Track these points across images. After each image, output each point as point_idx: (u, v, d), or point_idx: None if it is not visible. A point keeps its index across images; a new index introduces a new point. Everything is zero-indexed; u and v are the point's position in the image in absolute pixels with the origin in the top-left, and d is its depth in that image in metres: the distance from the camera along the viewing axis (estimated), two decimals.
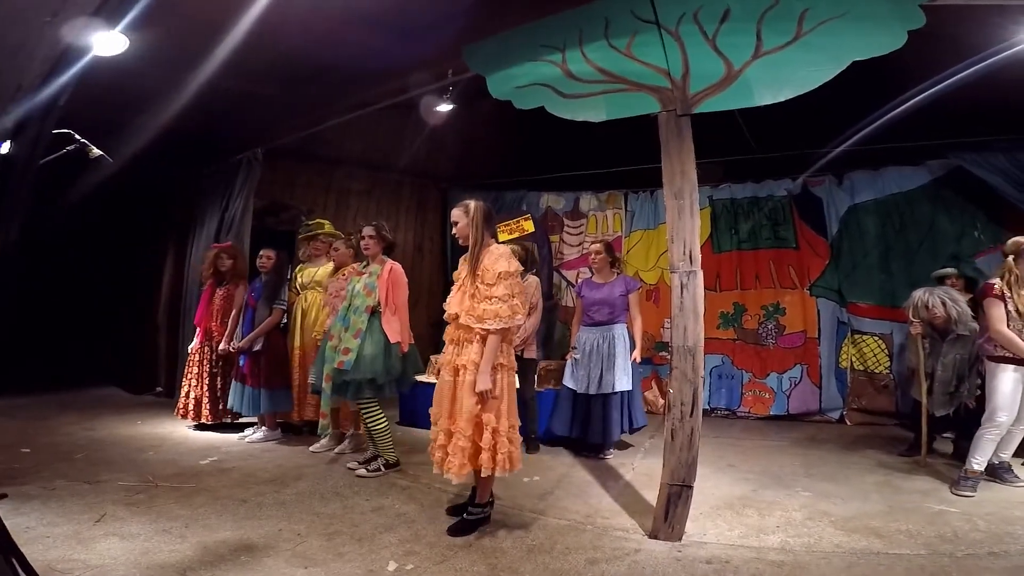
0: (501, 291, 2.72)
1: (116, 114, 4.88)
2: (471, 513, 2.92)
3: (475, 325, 2.74)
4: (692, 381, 2.88)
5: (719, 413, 6.14)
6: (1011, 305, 3.48)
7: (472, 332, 2.77)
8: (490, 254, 2.81)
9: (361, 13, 3.98)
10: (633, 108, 3.21)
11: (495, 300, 2.72)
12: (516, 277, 2.81)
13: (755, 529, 2.96)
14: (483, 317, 2.72)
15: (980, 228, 5.43)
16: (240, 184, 5.86)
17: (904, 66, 3.42)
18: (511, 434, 2.84)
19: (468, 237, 2.88)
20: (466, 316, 2.77)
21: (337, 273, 4.44)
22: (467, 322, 2.76)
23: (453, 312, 2.86)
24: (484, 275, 2.75)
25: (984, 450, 3.50)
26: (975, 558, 2.58)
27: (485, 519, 2.95)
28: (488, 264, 2.77)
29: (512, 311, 2.75)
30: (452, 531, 2.83)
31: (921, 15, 2.71)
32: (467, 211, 2.89)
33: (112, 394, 6.39)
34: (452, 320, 2.90)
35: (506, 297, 2.73)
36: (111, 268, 7.42)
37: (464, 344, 2.82)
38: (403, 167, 7.45)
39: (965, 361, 3.96)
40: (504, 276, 2.74)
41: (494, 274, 2.74)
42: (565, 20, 3.55)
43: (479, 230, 2.85)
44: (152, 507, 3.04)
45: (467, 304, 2.79)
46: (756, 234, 6.34)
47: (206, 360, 4.90)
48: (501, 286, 2.73)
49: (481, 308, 2.73)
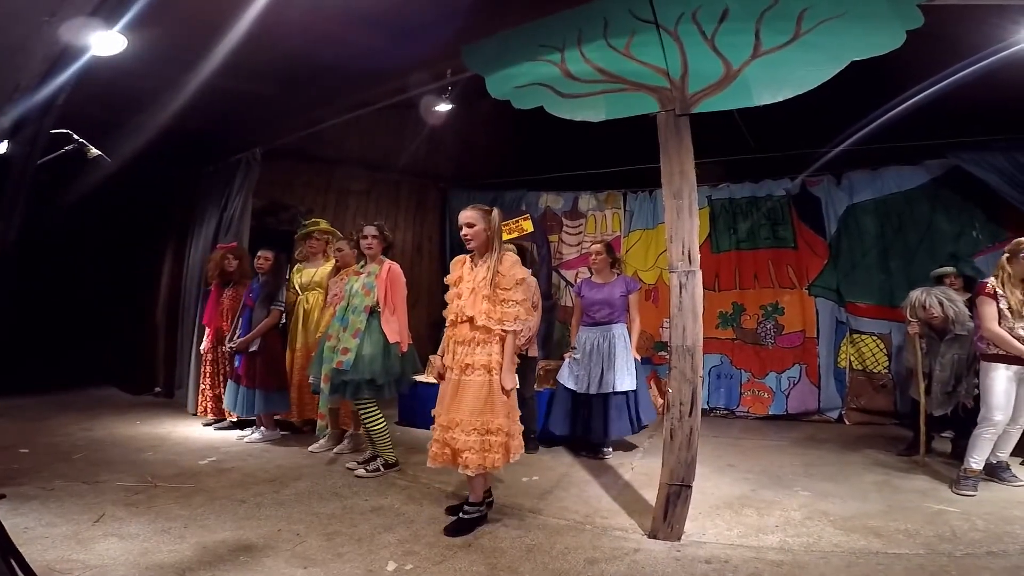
0: (519, 295, 2.91)
1: (115, 114, 4.88)
2: (467, 512, 2.94)
3: (495, 327, 2.87)
4: (691, 381, 2.88)
5: (718, 413, 6.14)
6: (1004, 303, 3.50)
7: (491, 333, 2.89)
8: (506, 260, 2.95)
9: (360, 13, 3.98)
10: (632, 108, 3.20)
11: (513, 303, 2.89)
12: (528, 282, 3.03)
13: (754, 529, 2.96)
14: (503, 319, 2.87)
15: (978, 228, 5.44)
16: (239, 184, 5.85)
17: (903, 66, 3.42)
18: (513, 428, 2.93)
19: (484, 242, 2.97)
20: (485, 318, 2.87)
21: (339, 274, 4.44)
22: (486, 323, 2.87)
23: (469, 314, 2.92)
24: (502, 281, 2.89)
25: (982, 449, 3.51)
26: (974, 557, 2.58)
27: (482, 518, 2.97)
28: (505, 270, 2.91)
29: (527, 313, 2.98)
30: (449, 531, 2.85)
31: (919, 15, 2.71)
32: (487, 217, 2.97)
33: (111, 394, 6.39)
34: (466, 322, 2.95)
35: (523, 301, 2.93)
36: (110, 268, 7.41)
37: (481, 344, 2.91)
38: (402, 167, 7.45)
39: (963, 361, 3.97)
40: (520, 282, 2.94)
41: (512, 279, 2.90)
42: (564, 20, 3.55)
43: (499, 238, 2.99)
44: (151, 507, 3.03)
45: (484, 307, 2.88)
46: (755, 234, 6.35)
47: (221, 360, 4.97)
48: (519, 291, 2.92)
49: (501, 311, 2.88)
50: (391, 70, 4.70)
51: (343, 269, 4.45)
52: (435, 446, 2.92)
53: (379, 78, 4.88)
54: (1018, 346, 3.41)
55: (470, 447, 2.81)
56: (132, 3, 1.70)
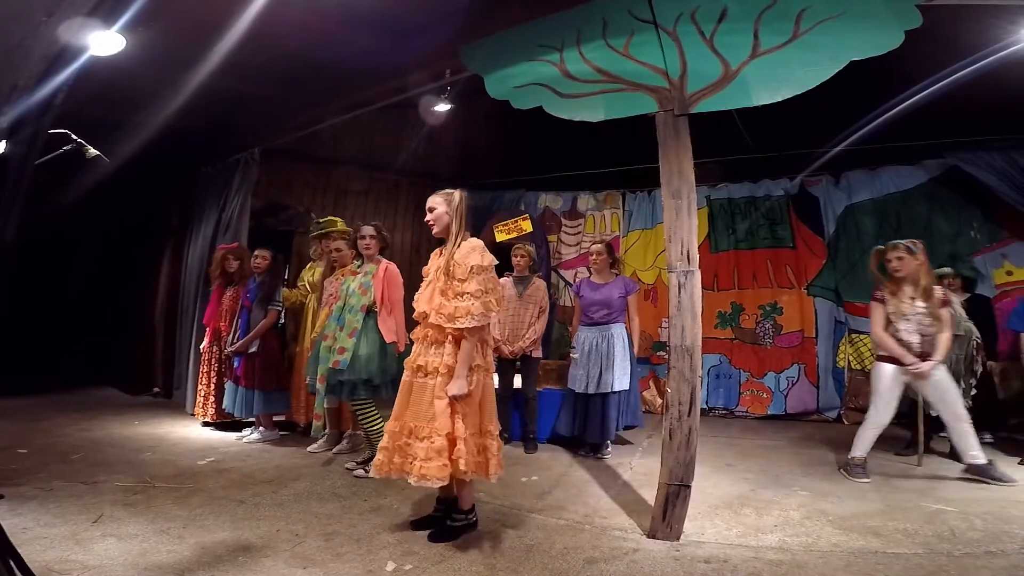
0: (474, 287, 2.54)
1: (113, 114, 4.87)
2: (454, 520, 2.78)
3: (447, 324, 2.56)
4: (690, 381, 2.88)
5: (717, 413, 6.15)
6: (891, 307, 3.74)
7: (444, 332, 2.60)
8: (464, 246, 2.62)
9: (358, 13, 3.98)
10: (631, 108, 3.21)
11: (467, 296, 2.54)
12: (490, 272, 2.64)
13: (753, 528, 2.96)
14: (455, 315, 2.53)
15: (976, 227, 5.46)
16: (237, 184, 5.85)
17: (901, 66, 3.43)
18: (485, 441, 2.69)
19: (446, 227, 2.69)
20: (436, 315, 2.58)
21: (335, 274, 4.43)
22: (438, 321, 2.57)
23: (422, 310, 2.66)
24: (456, 270, 2.57)
25: (865, 441, 3.81)
26: (972, 557, 2.58)
27: (469, 526, 2.80)
28: (460, 258, 2.58)
29: (485, 308, 2.57)
30: (433, 537, 2.72)
31: (918, 15, 2.71)
32: (449, 200, 2.70)
33: (109, 395, 6.38)
34: (421, 319, 2.70)
35: (479, 293, 2.55)
36: (108, 268, 7.40)
37: (435, 344, 2.63)
38: (401, 167, 7.45)
39: (961, 361, 3.99)
40: (477, 271, 2.57)
41: (466, 268, 2.56)
42: (563, 20, 3.55)
43: (463, 221, 2.68)
44: (150, 508, 3.03)
45: (437, 301, 2.59)
46: (753, 234, 6.36)
47: (214, 360, 4.95)
48: (474, 281, 2.55)
49: (453, 306, 2.55)
50: (390, 70, 4.69)
51: (340, 269, 4.44)
52: (381, 454, 2.67)
53: (378, 78, 4.87)
54: (896, 348, 3.70)
55: (423, 456, 2.53)
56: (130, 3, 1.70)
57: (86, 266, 7.56)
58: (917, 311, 3.69)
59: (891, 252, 3.75)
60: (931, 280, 3.74)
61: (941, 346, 3.63)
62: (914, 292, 3.72)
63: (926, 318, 3.67)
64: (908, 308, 3.70)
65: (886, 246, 3.84)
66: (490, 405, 2.76)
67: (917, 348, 3.69)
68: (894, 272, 3.75)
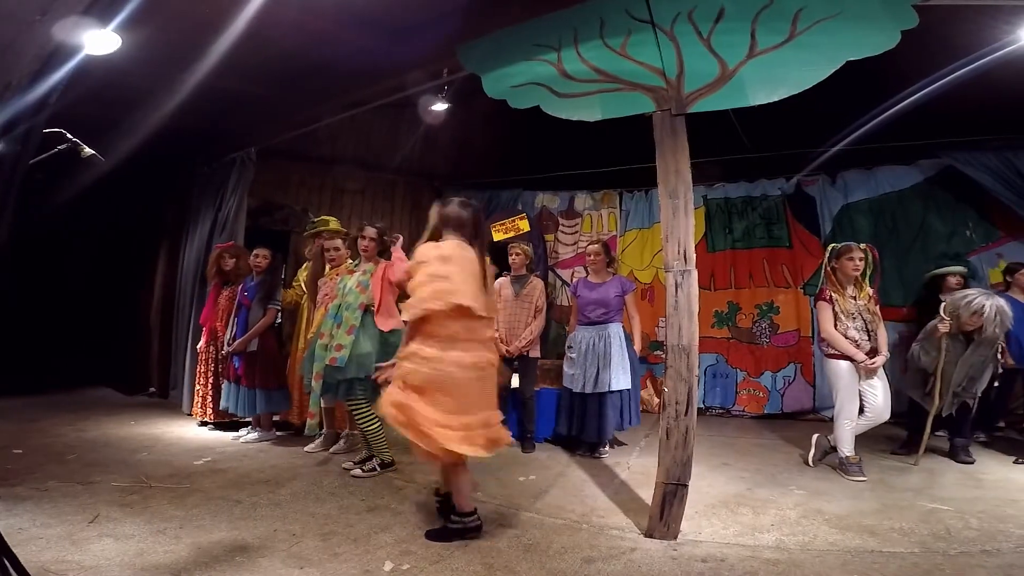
0: (421, 276, 2.62)
1: (108, 113, 4.85)
2: (452, 522, 2.78)
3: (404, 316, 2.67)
4: (687, 380, 2.89)
5: (714, 412, 6.16)
6: (838, 307, 3.87)
7: None
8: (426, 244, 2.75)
9: (355, 12, 3.97)
10: (628, 108, 3.20)
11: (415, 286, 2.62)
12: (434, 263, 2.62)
13: (750, 527, 2.96)
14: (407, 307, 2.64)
15: (971, 227, 5.48)
16: (233, 183, 5.83)
17: (897, 66, 3.44)
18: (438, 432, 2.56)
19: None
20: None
21: (330, 272, 4.41)
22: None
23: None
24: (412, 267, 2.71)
25: (847, 438, 3.87)
26: (968, 556, 2.59)
27: (468, 530, 2.75)
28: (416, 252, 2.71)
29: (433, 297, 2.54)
30: (431, 535, 2.75)
31: (914, 15, 2.72)
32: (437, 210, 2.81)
33: (105, 395, 6.36)
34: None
35: (419, 284, 2.60)
36: (103, 268, 7.38)
37: None
38: (397, 166, 7.44)
39: (980, 363, 3.98)
40: (423, 262, 2.63)
41: (416, 263, 2.67)
42: (560, 19, 3.55)
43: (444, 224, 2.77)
44: (146, 508, 3.02)
45: None
46: (750, 233, 6.37)
47: (211, 359, 4.94)
48: (419, 270, 2.64)
49: None
50: (386, 69, 4.69)
51: (335, 268, 4.43)
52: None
53: (374, 77, 4.86)
54: (849, 347, 3.83)
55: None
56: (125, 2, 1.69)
57: (82, 266, 7.53)
58: (859, 307, 3.91)
59: (853, 253, 3.89)
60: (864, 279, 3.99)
61: (884, 340, 3.91)
62: (854, 291, 3.95)
63: (867, 313, 3.91)
64: (851, 306, 3.90)
65: (841, 246, 3.98)
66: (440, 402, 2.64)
67: (866, 344, 3.88)
68: (853, 272, 3.90)
